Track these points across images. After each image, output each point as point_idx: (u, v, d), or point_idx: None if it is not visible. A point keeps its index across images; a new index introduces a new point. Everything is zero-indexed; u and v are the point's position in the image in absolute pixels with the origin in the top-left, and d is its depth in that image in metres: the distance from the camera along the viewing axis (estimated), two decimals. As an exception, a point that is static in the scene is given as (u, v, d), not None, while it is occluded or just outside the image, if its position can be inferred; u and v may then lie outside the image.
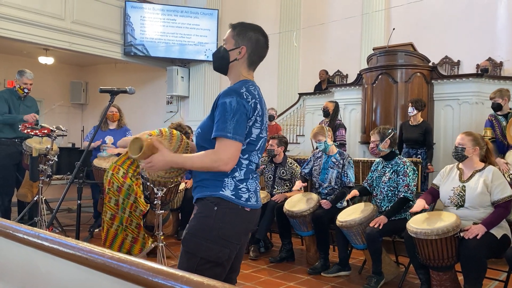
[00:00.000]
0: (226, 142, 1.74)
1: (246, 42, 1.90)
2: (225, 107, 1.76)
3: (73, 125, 11.80)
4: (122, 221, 3.98)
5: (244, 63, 1.92)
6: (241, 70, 1.92)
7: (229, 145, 1.75)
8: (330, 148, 4.30)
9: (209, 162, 1.76)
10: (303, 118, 8.53)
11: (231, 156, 1.75)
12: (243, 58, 1.91)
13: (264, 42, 1.94)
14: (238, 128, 1.75)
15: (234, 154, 1.76)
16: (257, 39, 1.92)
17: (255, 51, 1.92)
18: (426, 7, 8.40)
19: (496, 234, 3.03)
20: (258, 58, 1.94)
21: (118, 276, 1.02)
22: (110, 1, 9.62)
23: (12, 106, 5.04)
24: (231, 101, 1.77)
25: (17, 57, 10.53)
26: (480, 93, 5.97)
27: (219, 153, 1.75)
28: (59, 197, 2.87)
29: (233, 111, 1.75)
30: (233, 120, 1.75)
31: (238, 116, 1.76)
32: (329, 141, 4.27)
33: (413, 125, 5.40)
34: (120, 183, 3.99)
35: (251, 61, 1.92)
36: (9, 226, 1.40)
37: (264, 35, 1.95)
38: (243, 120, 1.77)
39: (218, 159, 1.74)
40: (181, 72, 10.44)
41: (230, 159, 1.75)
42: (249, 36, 1.90)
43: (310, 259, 4.28)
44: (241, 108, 1.77)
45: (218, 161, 1.74)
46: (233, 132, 1.74)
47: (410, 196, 3.63)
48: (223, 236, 1.79)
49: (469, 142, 3.22)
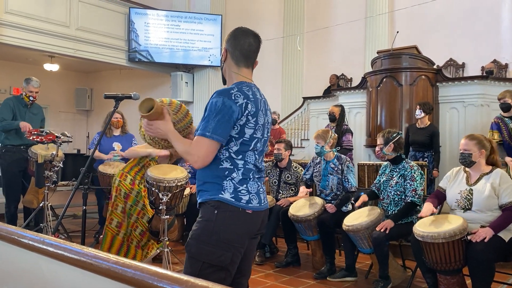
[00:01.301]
0: (202, 140, 1.79)
1: (227, 44, 1.96)
2: (210, 107, 1.82)
3: (78, 131, 11.83)
4: (128, 227, 3.98)
5: (230, 63, 1.95)
6: (231, 69, 1.95)
7: (203, 143, 1.79)
8: (328, 154, 4.27)
9: (184, 152, 1.84)
10: (307, 122, 8.52)
11: (202, 154, 1.79)
12: (227, 59, 1.95)
13: (241, 33, 1.95)
14: (218, 127, 1.78)
15: (207, 152, 1.80)
16: (234, 35, 1.95)
17: (235, 46, 1.93)
18: (430, 10, 8.39)
19: (504, 237, 3.00)
20: (242, 53, 1.93)
21: (123, 281, 1.02)
22: (114, 8, 9.68)
23: (18, 114, 5.07)
24: (217, 101, 1.80)
25: (23, 64, 10.60)
26: (485, 95, 5.94)
27: (192, 148, 1.82)
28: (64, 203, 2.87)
29: (216, 111, 1.79)
30: (215, 119, 1.78)
31: (220, 116, 1.78)
32: (327, 147, 4.21)
33: (420, 128, 5.37)
34: (128, 189, 3.99)
35: (235, 57, 1.94)
36: (15, 232, 1.40)
37: (244, 29, 1.97)
38: (225, 120, 1.78)
39: (190, 153, 1.82)
40: (185, 77, 10.46)
41: (200, 157, 1.80)
42: (228, 38, 1.96)
43: (316, 263, 4.26)
44: (225, 109, 1.78)
45: (189, 155, 1.82)
46: (212, 131, 1.77)
47: (417, 201, 3.60)
48: (224, 240, 1.78)
49: (475, 147, 3.18)
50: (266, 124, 1.96)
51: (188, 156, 1.82)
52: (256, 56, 1.98)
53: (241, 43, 1.92)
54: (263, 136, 1.94)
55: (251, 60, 1.96)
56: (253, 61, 1.97)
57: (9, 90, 10.56)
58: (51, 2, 8.55)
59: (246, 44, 1.93)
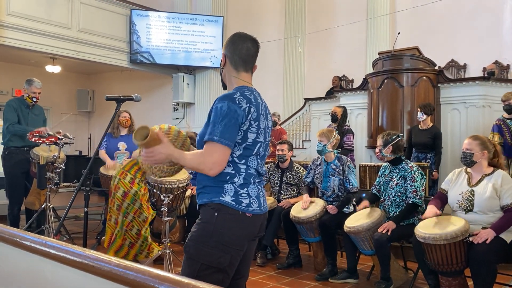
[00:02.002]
0: (212, 145, 1.77)
1: (225, 50, 1.96)
2: (216, 112, 1.80)
3: (80, 133, 11.86)
4: (123, 226, 3.97)
5: (229, 68, 1.96)
6: (231, 74, 1.96)
7: (214, 149, 1.77)
8: (328, 154, 4.26)
9: (196, 164, 1.79)
10: (309, 123, 8.52)
11: (216, 161, 1.77)
12: (226, 64, 1.96)
13: (239, 38, 1.95)
14: (225, 131, 1.76)
15: (220, 158, 1.77)
16: (232, 40, 1.96)
17: (234, 51, 1.93)
18: (431, 11, 8.38)
19: (505, 239, 2.99)
20: (241, 58, 1.93)
21: (124, 283, 1.02)
22: (116, 10, 9.71)
23: (21, 115, 5.08)
24: (222, 105, 1.79)
25: (25, 66, 10.64)
26: (487, 96, 5.93)
27: (204, 156, 1.78)
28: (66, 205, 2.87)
29: (222, 115, 1.78)
30: (221, 124, 1.77)
31: (226, 120, 1.77)
32: (329, 146, 4.21)
33: (422, 130, 5.37)
34: (127, 188, 3.99)
35: (234, 62, 1.94)
36: (16, 234, 1.41)
37: (241, 34, 1.97)
38: (232, 124, 1.78)
39: (203, 162, 1.77)
40: (186, 79, 10.48)
41: (214, 164, 1.77)
42: (226, 43, 1.97)
43: (317, 265, 4.25)
44: (230, 113, 1.78)
45: (202, 164, 1.78)
46: (219, 136, 1.76)
47: (419, 201, 3.60)
48: (223, 242, 1.79)
49: (477, 147, 3.18)
50: (267, 128, 1.96)
51: (201, 166, 1.77)
52: (255, 60, 1.98)
53: (239, 48, 1.93)
54: (265, 140, 1.94)
55: (250, 64, 1.96)
56: (252, 65, 1.97)
57: (11, 91, 10.60)
58: (52, 4, 8.58)
59: (244, 48, 1.93)
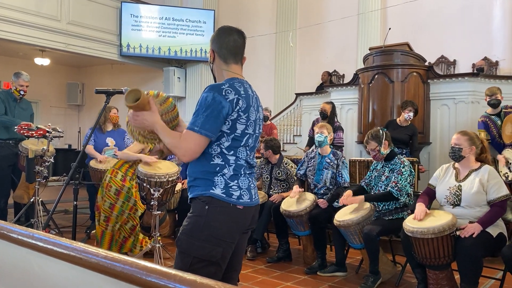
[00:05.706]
0: (190, 134, 1.79)
1: (212, 45, 1.96)
2: (201, 102, 1.82)
3: (70, 126, 11.77)
4: (118, 221, 3.97)
5: (219, 61, 1.96)
6: (221, 67, 1.96)
7: (191, 137, 1.79)
8: (325, 147, 4.33)
9: (172, 145, 1.83)
10: (300, 118, 8.53)
11: (190, 148, 1.79)
12: (216, 58, 1.96)
13: (224, 32, 1.95)
14: (206, 122, 1.78)
15: (195, 147, 1.80)
16: (218, 34, 1.96)
17: (221, 45, 1.94)
18: (422, 7, 8.42)
19: (492, 233, 3.04)
20: (229, 50, 1.94)
21: (112, 275, 1.02)
22: (106, 2, 9.60)
23: (8, 108, 5.02)
24: (207, 96, 1.80)
25: (13, 58, 10.49)
26: (476, 92, 5.99)
27: (181, 142, 1.81)
28: (55, 199, 2.85)
29: (206, 106, 1.79)
30: (204, 114, 1.78)
31: (209, 111, 1.78)
32: (329, 139, 4.35)
33: (401, 126, 5.39)
34: (119, 186, 3.98)
35: (222, 56, 1.94)
36: (3, 227, 1.40)
37: (226, 27, 1.98)
38: (214, 115, 1.78)
39: (178, 146, 1.81)
40: (177, 72, 10.42)
41: (187, 150, 1.80)
42: (212, 38, 1.97)
43: (307, 258, 4.28)
44: (214, 104, 1.79)
45: (177, 148, 1.81)
46: (200, 126, 1.78)
47: (395, 193, 3.61)
48: (215, 235, 1.79)
49: (466, 142, 3.21)
50: (258, 121, 1.96)
51: (176, 149, 1.82)
52: (243, 51, 1.98)
53: (226, 40, 1.93)
54: (255, 132, 1.94)
55: (239, 56, 1.96)
56: (241, 57, 1.97)
57: (-1, 84, 10.46)
58: (42, -4, 8.46)
59: (231, 41, 1.93)
